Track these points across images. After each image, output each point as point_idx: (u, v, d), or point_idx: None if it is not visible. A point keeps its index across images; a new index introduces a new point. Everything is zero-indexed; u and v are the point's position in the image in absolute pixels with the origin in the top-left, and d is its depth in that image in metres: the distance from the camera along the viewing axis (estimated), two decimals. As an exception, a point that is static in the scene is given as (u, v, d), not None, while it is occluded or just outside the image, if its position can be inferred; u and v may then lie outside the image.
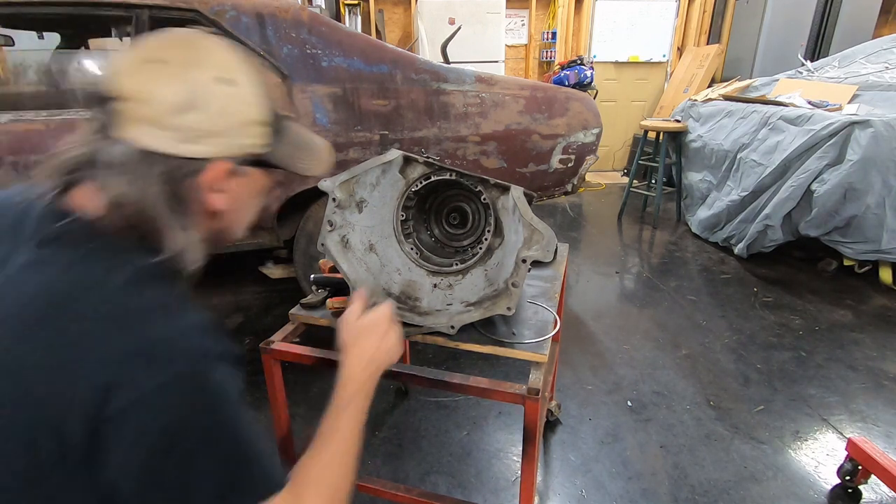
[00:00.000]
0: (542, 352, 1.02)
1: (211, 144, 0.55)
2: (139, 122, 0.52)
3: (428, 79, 2.24)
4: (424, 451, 1.76)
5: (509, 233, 1.07)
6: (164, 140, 0.52)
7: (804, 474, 1.64)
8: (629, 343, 2.42)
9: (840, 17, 4.75)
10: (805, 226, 2.94)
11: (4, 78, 2.56)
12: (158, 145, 0.52)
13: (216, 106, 0.54)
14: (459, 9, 4.68)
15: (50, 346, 0.47)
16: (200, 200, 0.57)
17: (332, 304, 1.14)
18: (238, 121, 0.57)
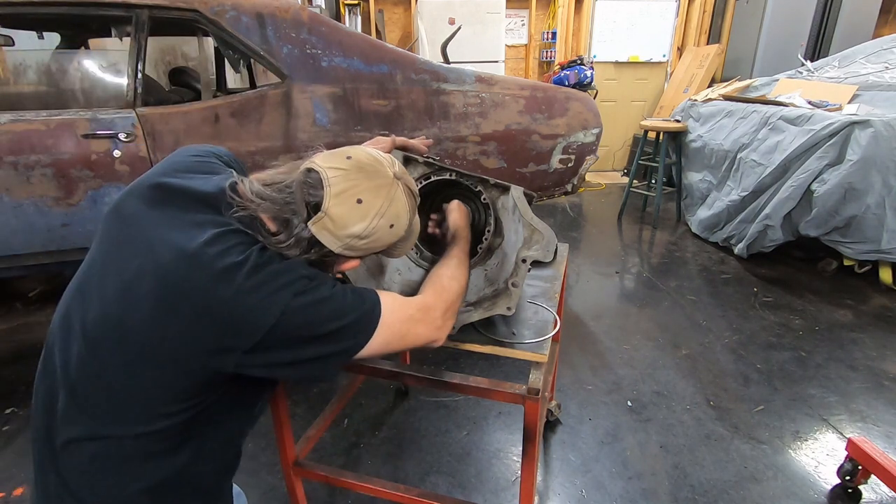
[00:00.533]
0: (542, 352, 1.02)
1: (357, 254, 0.80)
2: (327, 231, 0.75)
3: (428, 79, 2.24)
4: (424, 451, 1.76)
5: (509, 233, 1.07)
6: (334, 245, 0.76)
7: (804, 474, 1.64)
8: (629, 343, 2.42)
9: (840, 17, 4.75)
10: (805, 226, 2.94)
11: (4, 78, 2.56)
12: (328, 245, 0.76)
13: (377, 238, 0.78)
14: (459, 9, 4.68)
15: (229, 291, 0.68)
16: (330, 269, 0.83)
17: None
18: (382, 245, 0.81)
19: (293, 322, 0.70)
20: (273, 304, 0.69)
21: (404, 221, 0.81)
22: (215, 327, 0.68)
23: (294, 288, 0.71)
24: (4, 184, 1.75)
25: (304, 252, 0.75)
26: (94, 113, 1.83)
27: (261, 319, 0.68)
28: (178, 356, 0.68)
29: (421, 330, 0.83)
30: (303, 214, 0.74)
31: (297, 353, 0.72)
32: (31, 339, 2.50)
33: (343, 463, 1.72)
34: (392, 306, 0.80)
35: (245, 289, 0.68)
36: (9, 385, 2.14)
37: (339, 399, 1.64)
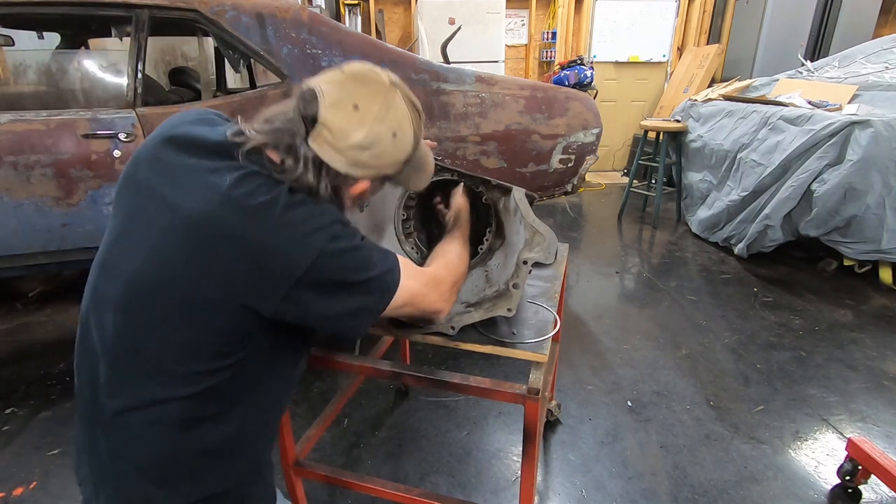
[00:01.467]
0: (542, 352, 1.02)
1: (366, 172, 0.78)
2: (329, 145, 0.73)
3: (428, 79, 2.24)
4: (424, 451, 1.76)
5: (510, 234, 1.07)
6: (339, 162, 0.75)
7: (804, 474, 1.65)
8: (629, 343, 2.42)
9: (840, 17, 4.75)
10: (805, 226, 2.94)
11: (4, 78, 2.56)
12: (332, 163, 0.75)
13: (381, 150, 0.76)
14: (459, 9, 4.68)
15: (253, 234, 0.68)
16: (342, 197, 0.81)
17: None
18: (389, 161, 0.79)
19: (328, 266, 0.70)
20: (309, 245, 0.69)
21: (408, 133, 0.79)
22: (253, 266, 0.68)
23: (330, 231, 0.71)
24: (4, 184, 1.74)
25: (316, 178, 0.74)
26: (94, 113, 1.83)
27: (298, 259, 0.68)
28: (216, 304, 0.68)
29: (433, 297, 0.86)
30: (301, 131, 0.73)
31: (330, 303, 0.72)
32: (31, 339, 2.50)
33: (343, 463, 1.72)
34: (409, 270, 0.83)
35: (283, 224, 0.68)
36: (9, 385, 2.13)
37: (339, 399, 1.64)
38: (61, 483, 1.64)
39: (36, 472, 1.69)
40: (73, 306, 2.81)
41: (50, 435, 1.85)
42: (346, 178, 0.77)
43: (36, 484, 1.64)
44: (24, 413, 1.97)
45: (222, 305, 0.68)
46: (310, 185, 0.74)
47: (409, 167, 0.84)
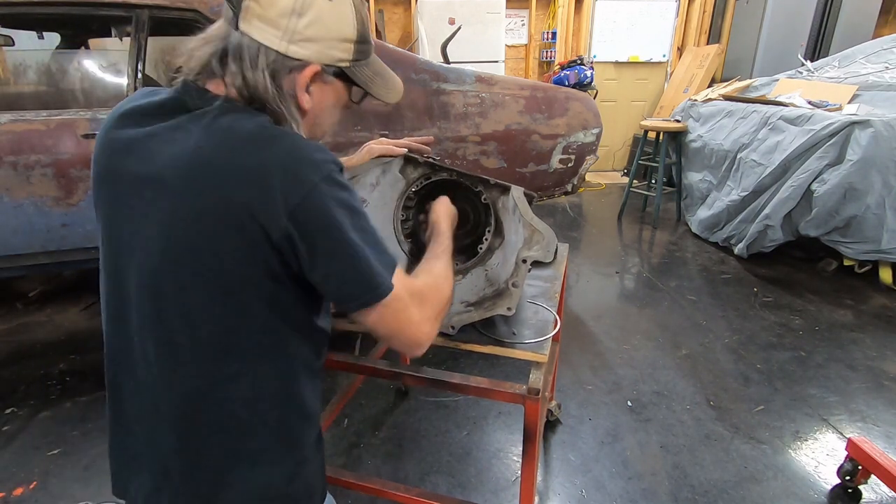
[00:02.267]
0: (542, 352, 1.02)
1: (309, 49, 0.67)
2: (259, 20, 0.65)
3: (428, 79, 2.24)
4: (424, 451, 1.76)
5: (509, 233, 1.07)
6: (275, 38, 0.65)
7: (804, 474, 1.64)
8: (629, 343, 2.42)
9: (840, 17, 4.75)
10: (805, 226, 2.94)
11: (4, 78, 2.56)
12: (269, 42, 0.65)
13: (318, 16, 0.66)
14: (459, 9, 4.68)
15: (244, 161, 0.62)
16: (295, 96, 0.70)
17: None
18: (333, 34, 0.69)
19: (320, 207, 0.62)
20: (303, 179, 0.62)
21: (346, 1, 0.69)
22: (252, 189, 0.61)
23: (323, 171, 0.63)
24: (4, 184, 1.75)
25: (254, 72, 0.65)
26: (94, 113, 1.83)
27: (293, 188, 0.61)
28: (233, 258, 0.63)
29: (415, 315, 0.72)
30: (230, 17, 0.66)
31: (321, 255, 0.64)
32: (31, 339, 2.50)
33: (343, 463, 1.72)
34: (399, 274, 0.72)
35: (275, 149, 0.62)
36: (9, 385, 2.13)
37: (339, 399, 1.64)
38: (61, 483, 1.64)
39: (36, 472, 1.69)
40: (73, 306, 2.81)
41: (50, 435, 1.85)
42: (289, 61, 0.67)
43: (36, 484, 1.64)
44: (24, 413, 1.97)
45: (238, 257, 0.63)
46: (253, 89, 0.66)
47: (364, 61, 0.75)
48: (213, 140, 0.63)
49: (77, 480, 1.65)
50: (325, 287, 0.67)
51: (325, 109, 0.77)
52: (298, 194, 0.61)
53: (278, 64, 0.66)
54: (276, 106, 0.67)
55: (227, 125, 0.64)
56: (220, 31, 0.67)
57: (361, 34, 0.72)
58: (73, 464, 1.71)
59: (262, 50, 0.65)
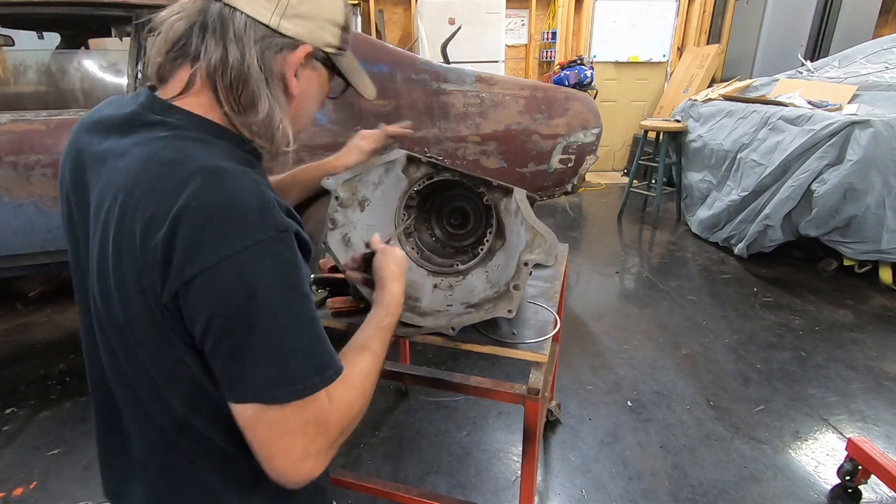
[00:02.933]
0: (542, 352, 1.02)
1: (302, 27, 0.61)
2: None
3: (428, 79, 2.24)
4: (424, 451, 1.76)
5: (511, 235, 1.07)
6: (266, 11, 0.58)
7: (804, 474, 1.65)
8: (629, 343, 2.42)
9: (840, 17, 4.75)
10: (805, 226, 2.94)
11: (4, 78, 2.56)
12: (259, 14, 0.58)
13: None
14: (459, 9, 4.68)
15: (150, 199, 0.52)
16: (284, 78, 0.62)
17: (332, 304, 1.14)
18: (325, 14, 0.63)
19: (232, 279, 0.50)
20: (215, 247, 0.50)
21: None
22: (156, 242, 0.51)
23: (255, 235, 0.51)
24: (4, 184, 1.74)
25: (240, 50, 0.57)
26: (94, 113, 1.82)
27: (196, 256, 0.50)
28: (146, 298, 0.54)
29: (297, 451, 0.55)
30: None
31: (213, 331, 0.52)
32: (31, 339, 2.50)
33: (343, 463, 1.72)
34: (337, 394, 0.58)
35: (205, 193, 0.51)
36: (9, 385, 2.13)
37: (339, 399, 1.63)
38: (61, 483, 1.64)
39: (36, 472, 1.69)
40: (73, 306, 2.81)
41: (50, 435, 1.85)
42: (280, 38, 0.60)
43: (36, 484, 1.64)
44: (24, 413, 1.97)
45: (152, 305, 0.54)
46: (236, 68, 0.57)
47: (346, 51, 0.71)
48: (145, 170, 0.54)
49: (77, 480, 1.65)
50: (205, 352, 0.54)
51: (309, 99, 0.69)
52: (208, 258, 0.49)
53: (268, 41, 0.59)
54: (260, 90, 0.59)
55: (170, 156, 0.54)
56: (197, 4, 0.59)
57: (347, 21, 0.68)
58: (73, 464, 1.71)
59: (251, 23, 0.57)
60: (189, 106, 0.60)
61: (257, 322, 0.51)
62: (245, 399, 0.53)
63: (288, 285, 0.53)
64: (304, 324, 0.55)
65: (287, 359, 0.53)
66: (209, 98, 0.60)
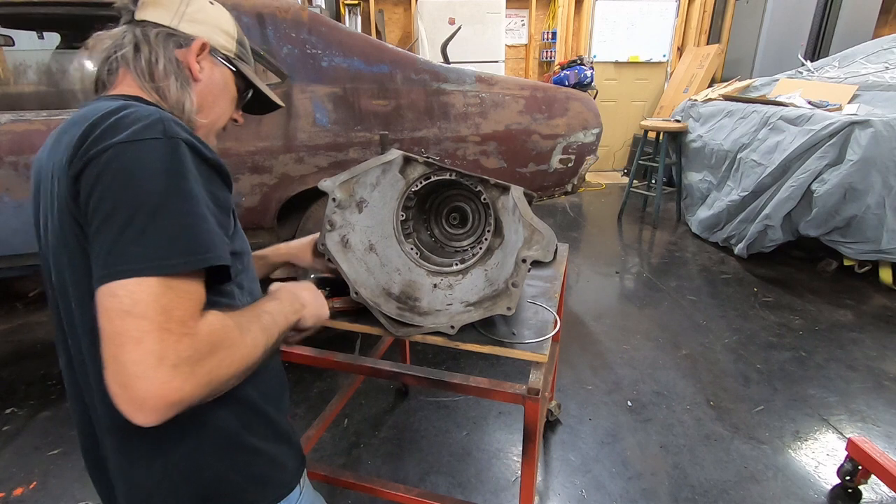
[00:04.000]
0: (542, 352, 1.02)
1: (196, 28, 0.77)
2: (153, 7, 0.75)
3: (428, 79, 2.24)
4: (424, 451, 1.76)
5: (509, 233, 1.07)
6: (167, 17, 0.75)
7: (804, 474, 1.64)
8: (629, 343, 2.42)
9: (840, 17, 4.74)
10: (805, 226, 2.94)
11: (4, 78, 2.56)
12: (163, 20, 0.75)
13: (203, 6, 0.79)
14: (459, 9, 4.68)
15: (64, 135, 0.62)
16: (188, 65, 0.76)
17: (332, 305, 1.14)
18: (216, 22, 0.80)
19: (110, 163, 0.54)
20: (105, 139, 0.55)
21: (223, 11, 0.82)
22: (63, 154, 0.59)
23: (140, 133, 0.55)
24: (4, 184, 1.74)
25: (149, 48, 0.72)
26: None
27: (92, 144, 0.55)
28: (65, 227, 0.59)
29: (156, 346, 0.48)
30: (127, 11, 0.76)
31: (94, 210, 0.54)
32: (31, 339, 2.50)
33: (343, 463, 1.72)
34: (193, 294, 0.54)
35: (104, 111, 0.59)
36: (9, 385, 2.14)
37: (339, 399, 1.64)
38: (61, 483, 1.64)
39: (36, 472, 1.69)
40: (73, 306, 2.81)
41: (50, 435, 1.85)
42: (180, 35, 0.75)
43: (36, 484, 1.64)
44: (24, 413, 1.97)
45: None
46: (148, 62, 0.72)
47: (246, 63, 0.85)
48: (72, 122, 0.64)
49: (77, 480, 1.65)
50: (90, 249, 0.55)
51: (215, 86, 0.80)
52: (95, 148, 0.55)
53: (170, 38, 0.74)
54: (169, 76, 0.72)
55: (91, 110, 0.62)
56: (117, 29, 0.76)
57: (241, 37, 0.84)
58: (73, 464, 1.71)
59: (157, 29, 0.74)
60: (118, 91, 0.73)
61: (128, 202, 0.52)
62: (102, 278, 0.50)
63: (171, 177, 0.55)
64: (183, 212, 0.54)
65: (154, 237, 0.52)
66: (132, 81, 0.73)
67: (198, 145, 0.60)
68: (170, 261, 0.51)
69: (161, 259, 0.51)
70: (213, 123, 0.83)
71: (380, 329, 1.09)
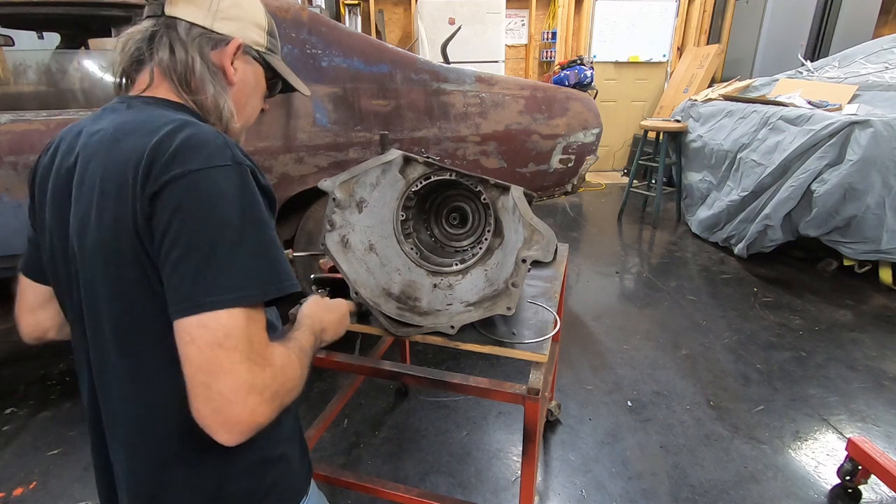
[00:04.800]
0: (542, 352, 1.02)
1: (231, 26, 0.73)
2: (185, 3, 0.70)
3: (428, 79, 2.24)
4: (424, 451, 1.76)
5: (509, 233, 1.07)
6: (201, 15, 0.71)
7: (804, 474, 1.64)
8: (629, 343, 2.42)
9: (840, 17, 4.74)
10: (805, 226, 2.94)
11: (4, 78, 2.56)
12: (196, 18, 0.70)
13: (237, 0, 0.74)
14: (459, 9, 4.68)
15: (128, 145, 0.60)
16: (223, 68, 0.73)
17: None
18: (250, 17, 0.76)
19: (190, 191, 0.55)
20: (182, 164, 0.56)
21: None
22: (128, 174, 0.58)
23: (215, 158, 0.57)
24: (4, 184, 1.75)
25: (184, 51, 0.68)
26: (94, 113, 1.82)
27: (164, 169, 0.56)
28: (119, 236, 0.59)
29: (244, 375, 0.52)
30: (155, 5, 0.70)
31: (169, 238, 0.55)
32: (31, 339, 2.50)
33: (343, 463, 1.72)
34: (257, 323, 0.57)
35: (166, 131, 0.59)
36: (9, 385, 2.13)
37: (339, 399, 1.64)
38: (61, 483, 1.64)
39: (36, 472, 1.69)
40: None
41: (50, 435, 1.85)
42: (215, 35, 0.71)
43: (36, 484, 1.64)
44: (24, 413, 1.97)
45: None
46: (182, 64, 0.68)
47: (276, 55, 0.82)
48: (120, 128, 0.62)
49: (77, 480, 1.65)
50: (163, 274, 0.56)
51: (248, 87, 0.79)
52: (175, 171, 0.55)
53: (205, 38, 0.71)
54: (205, 80, 0.70)
55: (142, 116, 0.63)
56: (146, 23, 0.71)
57: (271, 28, 0.81)
58: (73, 464, 1.71)
59: (190, 27, 0.70)
60: (153, 94, 0.70)
61: (210, 232, 0.54)
62: (189, 309, 0.53)
63: (245, 205, 0.57)
64: (259, 240, 0.58)
65: (238, 268, 0.55)
66: (168, 88, 0.70)
67: (256, 171, 0.63)
68: (254, 291, 0.55)
69: (246, 289, 0.55)
70: (246, 123, 0.81)
71: (380, 329, 1.09)
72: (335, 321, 0.86)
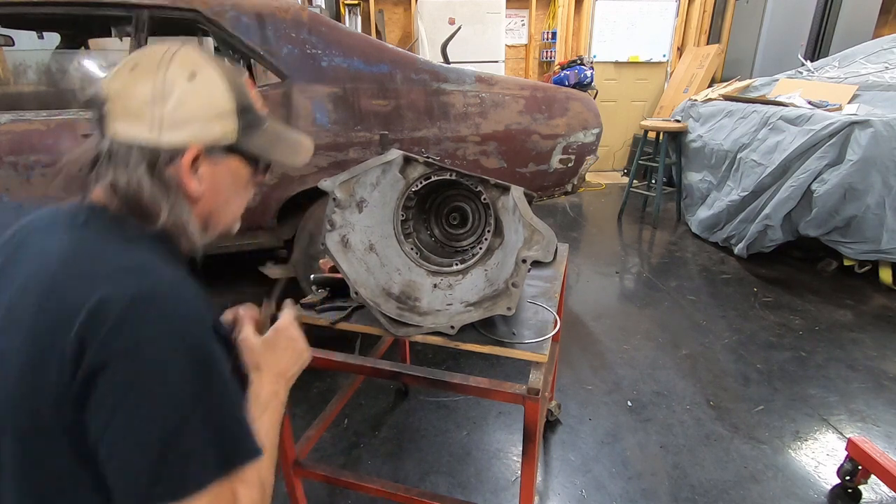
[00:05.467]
0: (542, 352, 1.02)
1: (183, 132, 0.62)
2: (123, 118, 0.60)
3: (428, 79, 2.24)
4: (424, 451, 1.76)
5: (509, 233, 1.07)
6: (144, 130, 0.60)
7: (804, 474, 1.64)
8: (629, 343, 2.42)
9: (840, 17, 4.74)
10: (805, 226, 2.94)
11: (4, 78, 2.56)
12: (138, 136, 0.60)
13: (182, 97, 0.61)
14: (459, 9, 4.68)
15: (55, 293, 0.54)
16: (181, 184, 0.64)
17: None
18: (205, 111, 0.63)
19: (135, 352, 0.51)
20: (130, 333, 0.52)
21: (212, 75, 0.63)
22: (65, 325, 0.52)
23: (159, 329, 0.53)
24: (4, 184, 1.75)
25: (128, 171, 0.60)
26: (94, 113, 1.83)
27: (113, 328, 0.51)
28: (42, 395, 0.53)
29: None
30: (96, 121, 0.62)
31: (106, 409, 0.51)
32: (31, 339, 2.50)
33: (343, 463, 1.72)
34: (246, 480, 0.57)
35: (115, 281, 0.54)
36: None
37: (339, 399, 1.64)
38: None
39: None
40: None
41: None
42: (164, 151, 0.61)
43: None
44: (24, 413, 1.97)
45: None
46: (132, 191, 0.60)
47: (252, 131, 0.68)
48: (60, 258, 0.57)
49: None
50: (101, 459, 0.52)
51: (223, 191, 0.69)
52: (116, 343, 0.51)
53: (154, 157, 0.61)
54: (158, 204, 0.61)
55: (88, 251, 0.58)
56: (93, 141, 0.64)
57: (241, 103, 0.67)
58: None
59: (134, 148, 0.60)
60: (115, 211, 0.63)
61: (163, 419, 0.52)
62: (151, 498, 0.51)
63: (201, 383, 0.54)
64: (214, 421, 0.55)
65: (195, 457, 0.53)
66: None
67: (216, 326, 0.60)
68: (215, 473, 0.54)
69: (211, 471, 0.54)
70: (231, 223, 0.74)
71: (380, 329, 1.09)
72: (293, 365, 0.78)
